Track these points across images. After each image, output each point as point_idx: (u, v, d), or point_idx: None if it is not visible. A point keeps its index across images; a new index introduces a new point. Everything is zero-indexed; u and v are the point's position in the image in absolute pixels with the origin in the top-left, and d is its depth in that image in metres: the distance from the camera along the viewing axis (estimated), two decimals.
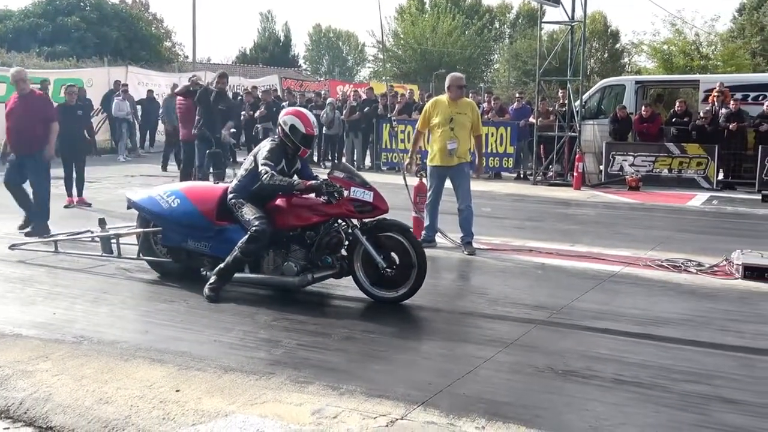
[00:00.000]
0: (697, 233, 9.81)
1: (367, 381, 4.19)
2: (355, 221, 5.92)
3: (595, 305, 5.98)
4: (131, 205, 6.69)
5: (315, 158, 18.81)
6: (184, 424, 3.62)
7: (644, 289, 6.62)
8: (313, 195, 5.90)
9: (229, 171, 11.19)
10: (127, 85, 20.48)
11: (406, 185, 8.56)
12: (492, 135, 16.44)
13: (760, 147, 14.44)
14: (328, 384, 4.12)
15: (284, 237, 5.99)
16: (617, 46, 52.76)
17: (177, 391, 4.00)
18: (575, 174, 14.94)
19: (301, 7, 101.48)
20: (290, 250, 5.99)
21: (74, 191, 11.07)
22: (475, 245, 8.07)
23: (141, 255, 6.69)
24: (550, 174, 15.97)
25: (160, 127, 19.84)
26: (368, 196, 5.87)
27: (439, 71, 39.42)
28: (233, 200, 6.06)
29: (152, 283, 6.46)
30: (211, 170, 11.08)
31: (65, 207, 10.71)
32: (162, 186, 6.76)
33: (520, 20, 57.37)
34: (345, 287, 6.23)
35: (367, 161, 18.64)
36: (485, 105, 17.56)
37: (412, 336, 5.07)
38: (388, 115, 14.85)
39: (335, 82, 36.32)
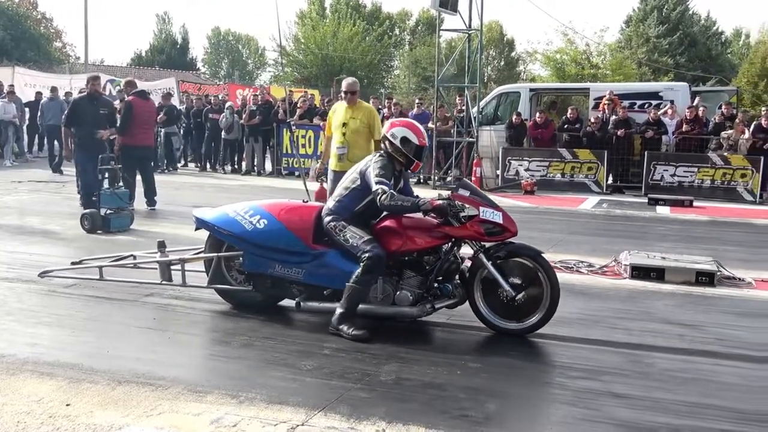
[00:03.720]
0: (588, 235, 10.20)
1: (267, 388, 4.14)
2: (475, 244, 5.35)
3: None
4: (201, 225, 5.84)
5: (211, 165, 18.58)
6: None
7: None
8: (426, 216, 5.28)
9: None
10: (13, 86, 19.55)
11: (307, 191, 8.54)
12: None
13: (646, 153, 15.17)
14: (227, 392, 4.05)
15: (397, 262, 5.33)
16: (513, 54, 54.28)
17: (67, 405, 3.84)
18: (473, 178, 15.28)
19: (199, 10, 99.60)
20: (403, 276, 5.33)
21: None
22: None
23: (211, 283, 5.89)
24: (449, 178, 16.26)
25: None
26: (497, 217, 5.25)
27: (340, 76, 39.36)
28: (333, 223, 5.34)
29: (42, 294, 6.15)
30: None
31: None
32: (238, 204, 5.84)
33: (419, 27, 58.14)
34: None
35: (268, 166, 18.45)
36: (386, 110, 17.68)
37: (311, 342, 5.04)
38: (288, 120, 14.75)
39: (235, 86, 35.73)
